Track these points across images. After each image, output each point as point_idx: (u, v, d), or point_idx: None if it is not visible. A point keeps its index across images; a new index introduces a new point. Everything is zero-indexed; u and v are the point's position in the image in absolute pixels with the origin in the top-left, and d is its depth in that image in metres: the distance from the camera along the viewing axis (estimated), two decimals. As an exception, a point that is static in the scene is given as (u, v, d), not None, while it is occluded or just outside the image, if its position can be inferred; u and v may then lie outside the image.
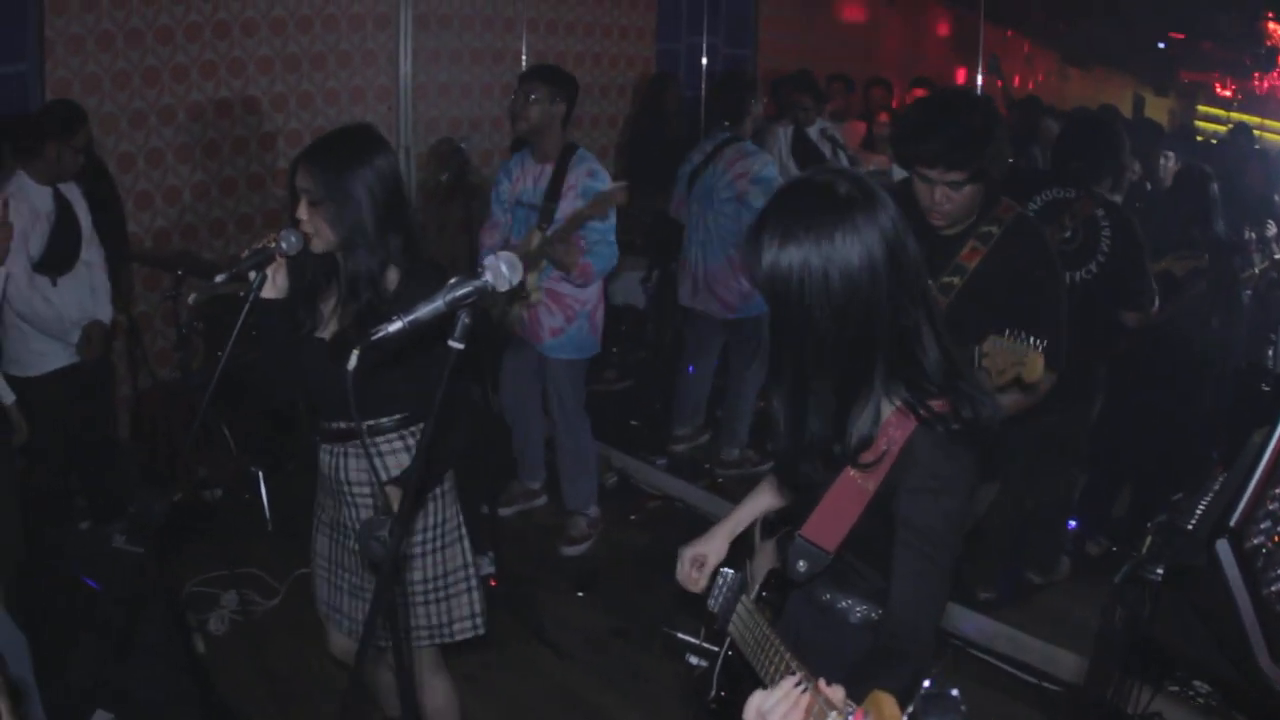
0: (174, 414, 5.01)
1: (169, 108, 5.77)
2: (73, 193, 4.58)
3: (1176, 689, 3.78)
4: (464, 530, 3.06)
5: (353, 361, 1.96)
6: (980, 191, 3.15)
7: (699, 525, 2.55)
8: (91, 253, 4.64)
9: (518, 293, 4.71)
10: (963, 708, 1.32)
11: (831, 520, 1.99)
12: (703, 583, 2.44)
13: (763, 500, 2.53)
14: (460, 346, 1.98)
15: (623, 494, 5.76)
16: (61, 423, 4.57)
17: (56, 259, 4.51)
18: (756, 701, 1.52)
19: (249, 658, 4.08)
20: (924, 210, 3.14)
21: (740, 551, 2.47)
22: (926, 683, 1.34)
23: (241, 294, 5.03)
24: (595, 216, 4.61)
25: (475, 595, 3.06)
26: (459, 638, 3.06)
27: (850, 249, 1.82)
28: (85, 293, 4.61)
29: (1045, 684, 4.09)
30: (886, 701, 1.32)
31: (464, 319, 1.98)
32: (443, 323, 2.01)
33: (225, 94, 5.97)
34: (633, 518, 5.51)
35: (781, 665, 1.80)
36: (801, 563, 2.02)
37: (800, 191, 1.91)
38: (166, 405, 5.03)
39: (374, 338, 1.99)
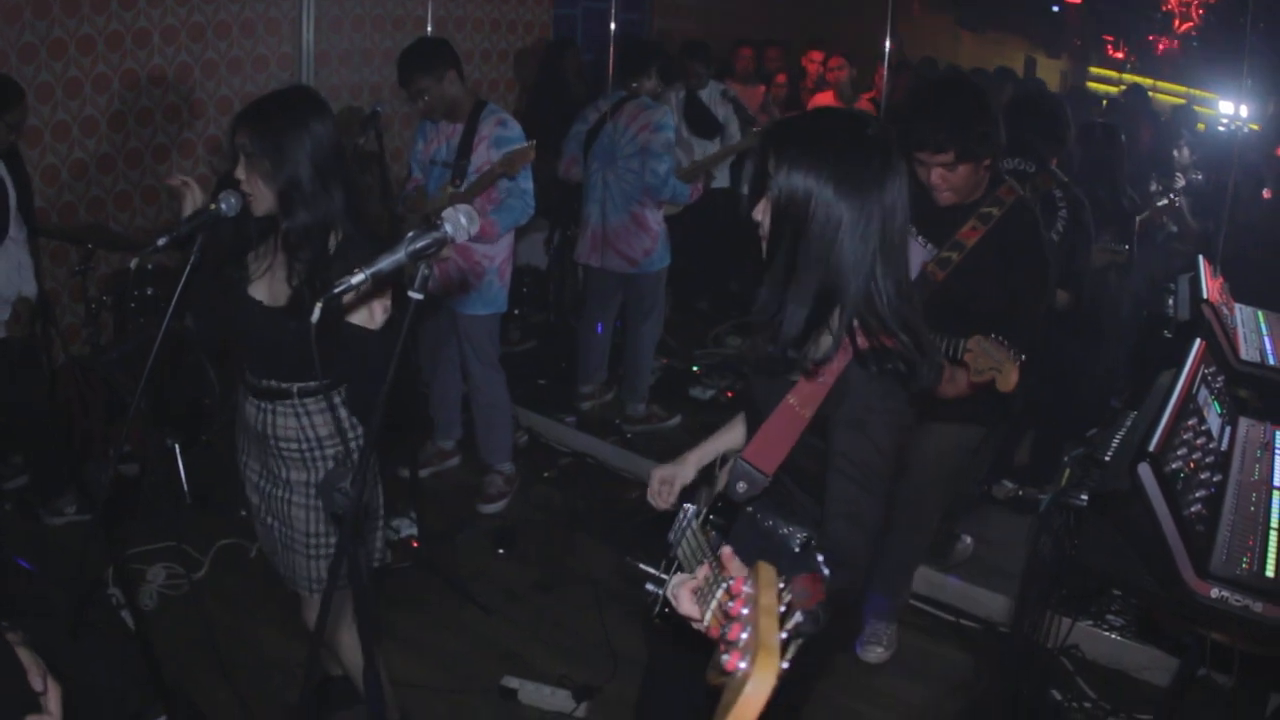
0: (88, 390, 5.00)
1: (75, 80, 5.67)
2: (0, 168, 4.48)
3: (1091, 623, 4.04)
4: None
5: (316, 315, 1.97)
6: (980, 169, 3.38)
7: (611, 481, 2.66)
8: (16, 228, 4.54)
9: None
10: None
11: (771, 444, 2.12)
12: (670, 500, 2.54)
13: (730, 436, 2.62)
14: (420, 297, 2.00)
15: (534, 452, 5.86)
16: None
17: None
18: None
19: (183, 630, 4.06)
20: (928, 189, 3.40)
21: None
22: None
23: (150, 266, 5.12)
24: (506, 175, 4.69)
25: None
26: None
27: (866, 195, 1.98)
28: (13, 269, 4.51)
29: (963, 620, 4.35)
30: (766, 569, 1.38)
31: (424, 270, 2.00)
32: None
33: (131, 65, 5.88)
34: (546, 475, 5.60)
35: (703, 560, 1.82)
36: (741, 484, 2.15)
37: (835, 123, 2.04)
38: (80, 381, 5.02)
39: (336, 290, 2.01)
